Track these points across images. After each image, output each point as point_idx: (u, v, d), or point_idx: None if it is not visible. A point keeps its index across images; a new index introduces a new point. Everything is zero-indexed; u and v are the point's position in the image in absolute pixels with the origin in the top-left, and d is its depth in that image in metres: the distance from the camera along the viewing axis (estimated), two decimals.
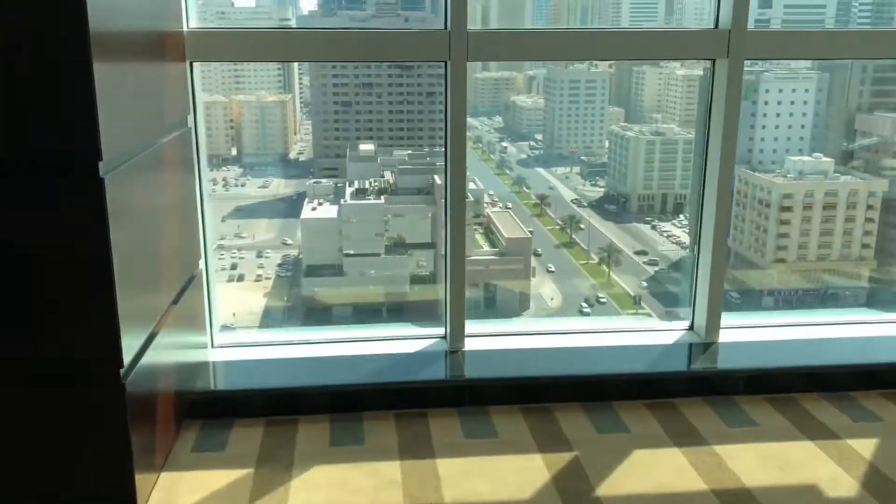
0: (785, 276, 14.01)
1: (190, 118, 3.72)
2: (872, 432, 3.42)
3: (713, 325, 3.83)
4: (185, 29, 3.61)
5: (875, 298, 13.34)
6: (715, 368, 3.71)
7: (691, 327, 3.95)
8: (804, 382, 3.63)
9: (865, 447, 3.26)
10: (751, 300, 14.21)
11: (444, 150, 16.53)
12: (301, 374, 3.69)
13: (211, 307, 3.85)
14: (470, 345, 3.85)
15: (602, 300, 13.65)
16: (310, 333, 4.03)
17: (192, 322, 3.64)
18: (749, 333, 3.91)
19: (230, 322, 14.54)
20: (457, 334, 3.79)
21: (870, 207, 13.84)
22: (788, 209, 14.07)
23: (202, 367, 3.68)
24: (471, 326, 3.90)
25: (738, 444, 3.34)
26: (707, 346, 3.81)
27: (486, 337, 3.91)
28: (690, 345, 3.85)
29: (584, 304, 13.57)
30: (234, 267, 14.67)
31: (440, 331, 3.91)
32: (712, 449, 3.30)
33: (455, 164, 3.73)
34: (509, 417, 3.54)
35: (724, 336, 3.85)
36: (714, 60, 3.75)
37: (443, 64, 3.71)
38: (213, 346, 3.86)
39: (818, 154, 14.55)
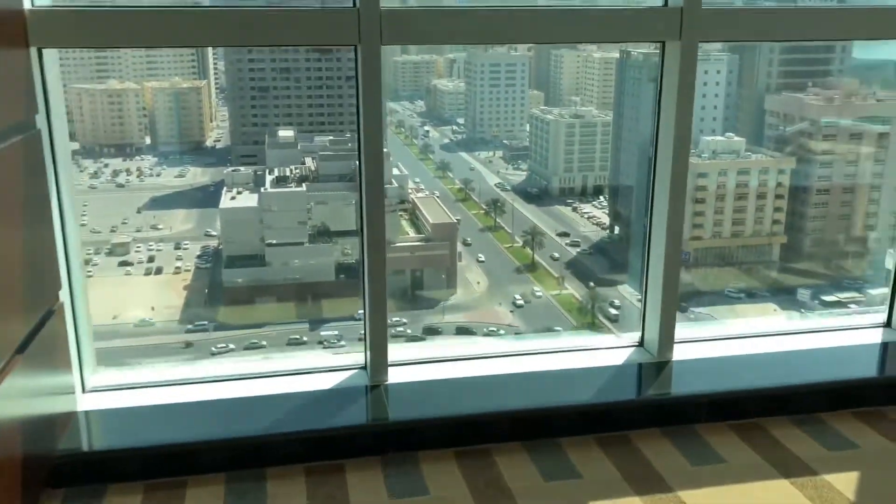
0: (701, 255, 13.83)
1: (41, 117, 2.87)
2: (850, 463, 2.91)
3: (666, 341, 3.24)
4: (26, 7, 2.74)
5: (784, 276, 13.26)
6: (671, 395, 3.13)
7: (641, 343, 3.36)
8: (770, 405, 3.08)
9: (846, 483, 2.75)
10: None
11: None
12: (192, 423, 2.94)
13: (80, 344, 3.02)
14: (394, 376, 3.17)
15: (538, 294, 13.14)
16: (206, 368, 3.23)
17: (50, 367, 2.82)
18: (705, 349, 3.35)
19: (149, 317, 13.56)
20: (378, 365, 3.10)
21: (779, 185, 13.73)
22: (703, 188, 13.87)
23: (68, 420, 2.86)
24: (395, 351, 3.23)
25: (705, 486, 2.79)
26: (660, 366, 3.23)
27: (411, 365, 3.23)
28: (641, 366, 3.25)
29: (517, 297, 13.05)
30: (151, 259, 13.60)
31: (359, 358, 3.22)
32: (677, 496, 2.73)
33: (371, 170, 3.03)
34: (442, 466, 2.89)
35: (679, 352, 3.27)
36: (664, 43, 3.15)
37: (352, 49, 2.99)
38: (83, 391, 3.05)
39: (730, 134, 14.37)
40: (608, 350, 3.35)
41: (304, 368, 3.15)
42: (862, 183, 12.93)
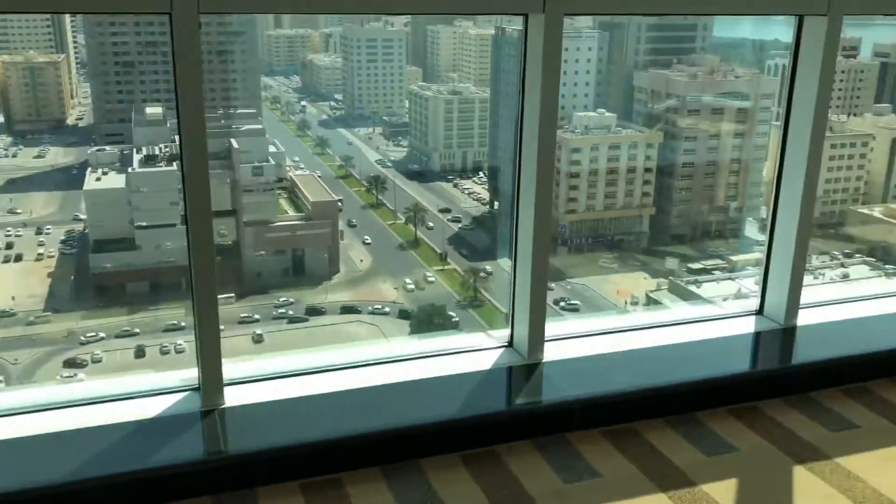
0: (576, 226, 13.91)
1: None
2: (729, 468, 2.66)
3: (536, 341, 2.90)
4: None
5: (654, 246, 13.49)
6: (542, 402, 2.79)
7: (510, 344, 3.00)
8: (644, 407, 2.79)
9: (725, 492, 2.50)
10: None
11: (237, 111, 14.53)
12: None
13: None
14: (231, 397, 2.67)
15: (430, 279, 12.67)
16: (13, 395, 2.60)
17: None
18: (577, 346, 3.03)
19: (9, 307, 12.33)
20: (212, 386, 2.59)
21: (648, 159, 13.94)
22: (577, 163, 13.92)
23: None
24: (231, 368, 2.71)
25: None
26: (531, 368, 2.89)
27: (252, 383, 2.73)
28: (511, 370, 2.90)
29: (408, 282, 12.54)
30: (9, 246, 12.36)
31: (192, 374, 2.68)
32: None
33: (192, 158, 2.51)
34: (285, 502, 2.44)
35: (549, 352, 2.94)
36: (527, 16, 2.76)
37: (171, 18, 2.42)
38: None
39: (602, 109, 14.46)
40: (476, 352, 2.98)
41: (125, 393, 2.61)
42: (724, 155, 13.24)
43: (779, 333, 3.10)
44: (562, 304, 12.48)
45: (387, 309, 12.84)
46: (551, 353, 3.03)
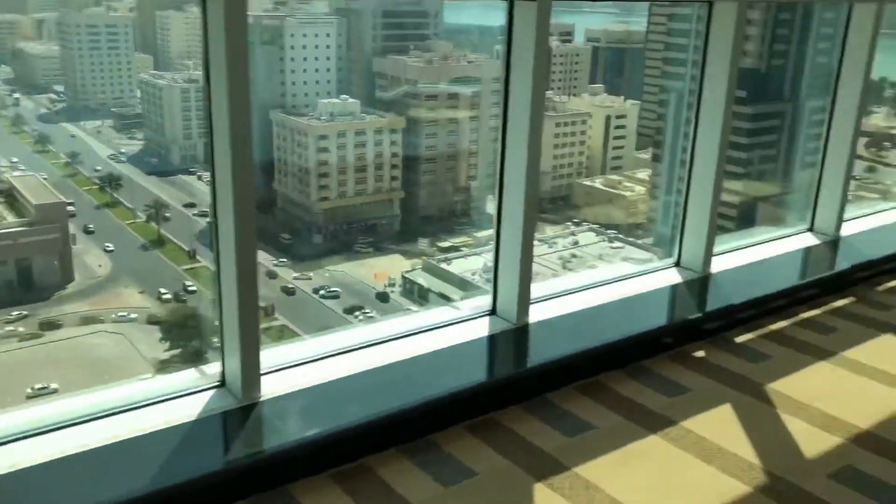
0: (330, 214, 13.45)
1: None
2: (468, 499, 2.34)
3: (251, 376, 2.40)
4: None
5: (406, 228, 13.43)
6: (263, 453, 2.30)
7: (223, 382, 2.46)
8: (378, 438, 2.42)
9: None
10: (301, 239, 13.40)
11: None
12: None
13: None
14: None
15: (191, 288, 11.31)
16: None
17: None
18: (299, 377, 2.56)
19: None
20: None
21: (393, 143, 13.80)
22: (325, 150, 13.41)
23: None
24: None
25: None
26: (247, 411, 2.39)
27: None
28: (225, 416, 2.37)
29: (163, 291, 11.10)
30: None
31: None
32: None
33: None
34: None
35: (268, 387, 2.45)
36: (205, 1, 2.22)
37: None
38: None
39: (345, 96, 14.03)
40: (183, 398, 2.40)
41: None
42: (462, 138, 13.43)
43: (512, 334, 2.88)
44: (322, 292, 11.99)
45: (133, 315, 11.54)
46: (270, 387, 2.53)
